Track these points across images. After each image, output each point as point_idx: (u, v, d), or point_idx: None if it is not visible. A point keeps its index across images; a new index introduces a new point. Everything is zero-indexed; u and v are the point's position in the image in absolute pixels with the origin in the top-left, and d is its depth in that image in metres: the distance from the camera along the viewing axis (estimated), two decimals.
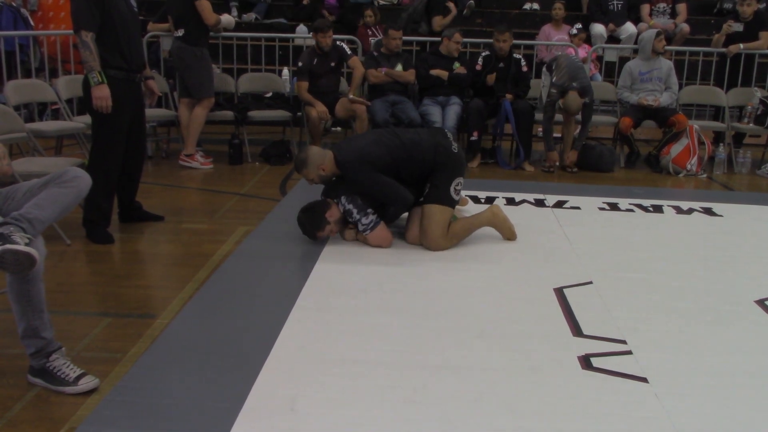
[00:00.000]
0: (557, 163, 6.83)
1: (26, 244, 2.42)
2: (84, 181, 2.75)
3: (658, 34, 7.23)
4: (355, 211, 4.12)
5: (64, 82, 6.38)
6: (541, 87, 7.09)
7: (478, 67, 7.01)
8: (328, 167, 4.14)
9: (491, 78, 6.89)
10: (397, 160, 4.11)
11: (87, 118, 4.92)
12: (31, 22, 8.50)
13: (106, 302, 3.51)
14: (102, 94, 4.21)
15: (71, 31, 4.55)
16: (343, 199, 4.14)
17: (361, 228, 4.16)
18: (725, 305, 3.53)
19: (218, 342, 2.94)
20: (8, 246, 2.37)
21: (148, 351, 2.86)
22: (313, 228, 4.17)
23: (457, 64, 7.04)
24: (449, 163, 4.18)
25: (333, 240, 4.30)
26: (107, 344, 2.99)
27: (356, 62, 6.95)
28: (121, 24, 4.30)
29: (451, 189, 4.17)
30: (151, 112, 7.54)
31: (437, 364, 2.79)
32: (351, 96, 6.82)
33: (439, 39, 7.32)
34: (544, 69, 7.03)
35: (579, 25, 8.73)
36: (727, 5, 9.61)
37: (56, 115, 7.12)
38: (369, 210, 4.13)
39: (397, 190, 4.13)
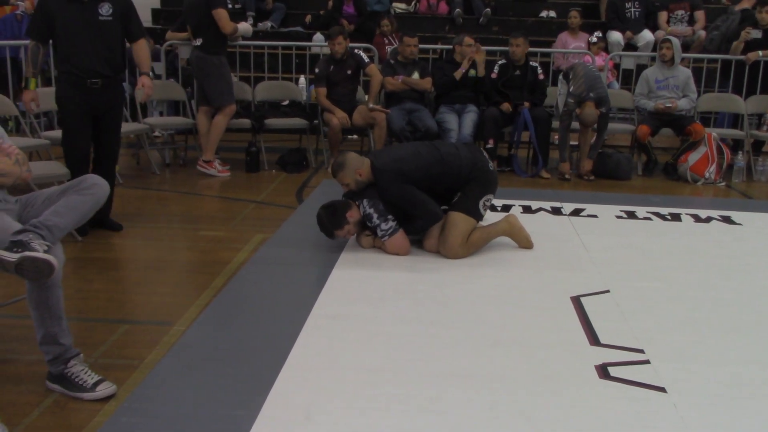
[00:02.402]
0: (567, 174, 6.80)
1: (45, 252, 2.44)
2: (102, 188, 2.78)
3: (664, 41, 7.20)
4: (375, 215, 4.11)
5: None
6: (557, 95, 7.07)
7: (494, 76, 7.00)
8: (365, 172, 4.15)
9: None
10: (433, 173, 4.13)
11: None
12: None
13: (124, 309, 3.54)
14: (24, 99, 4.59)
15: None
16: (365, 202, 4.13)
17: (379, 234, 4.15)
18: (744, 314, 3.49)
19: (234, 349, 2.94)
20: (27, 253, 2.39)
21: (164, 358, 2.88)
22: (333, 226, 4.15)
23: (472, 72, 7.02)
24: (483, 178, 4.22)
25: (349, 247, 4.30)
26: (124, 351, 3.01)
27: (374, 70, 6.95)
28: (67, 33, 4.42)
29: (480, 203, 4.19)
30: (169, 120, 7.63)
31: (453, 372, 2.78)
32: (371, 105, 6.83)
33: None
34: (560, 77, 7.01)
35: (599, 33, 8.71)
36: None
37: None
38: (389, 216, 4.12)
39: (428, 206, 4.14)
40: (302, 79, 8.22)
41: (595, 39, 8.53)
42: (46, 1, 4.43)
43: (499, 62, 7.07)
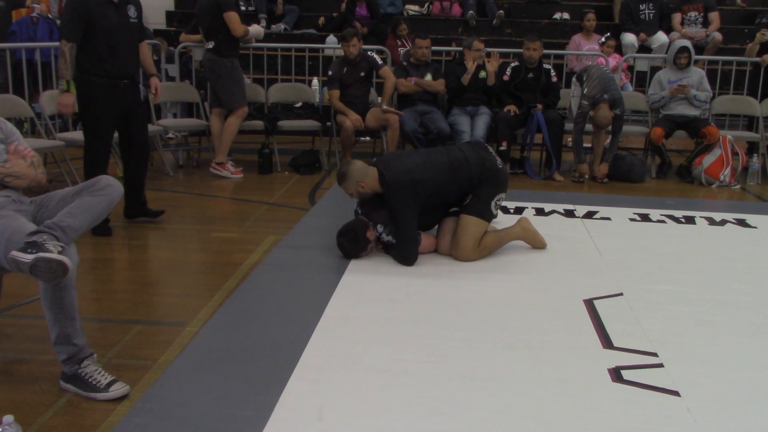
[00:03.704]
0: (587, 176, 6.79)
1: (59, 252, 2.45)
2: (116, 189, 2.79)
3: (682, 50, 7.14)
4: (395, 242, 4.12)
5: None
6: (570, 97, 7.05)
7: (506, 78, 6.99)
8: (368, 184, 4.09)
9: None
10: (443, 186, 4.07)
11: None
12: None
13: (137, 310, 3.55)
14: (65, 102, 4.53)
15: None
16: (379, 227, 4.11)
17: None
18: (759, 318, 3.46)
19: (247, 350, 2.95)
20: (42, 254, 2.41)
21: (177, 359, 2.89)
22: (357, 250, 4.14)
23: (483, 73, 7.01)
24: (494, 178, 4.18)
25: None
26: (138, 351, 3.02)
27: (387, 72, 6.95)
28: (106, 35, 4.44)
29: (492, 203, 4.17)
30: (183, 122, 7.66)
31: (465, 375, 2.78)
32: (384, 106, 6.83)
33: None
34: (574, 79, 6.99)
35: (608, 34, 8.68)
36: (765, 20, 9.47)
37: None
38: None
39: (409, 246, 4.04)
40: (315, 81, 8.24)
41: (603, 39, 8.49)
42: (86, 2, 4.39)
43: (512, 64, 7.06)
